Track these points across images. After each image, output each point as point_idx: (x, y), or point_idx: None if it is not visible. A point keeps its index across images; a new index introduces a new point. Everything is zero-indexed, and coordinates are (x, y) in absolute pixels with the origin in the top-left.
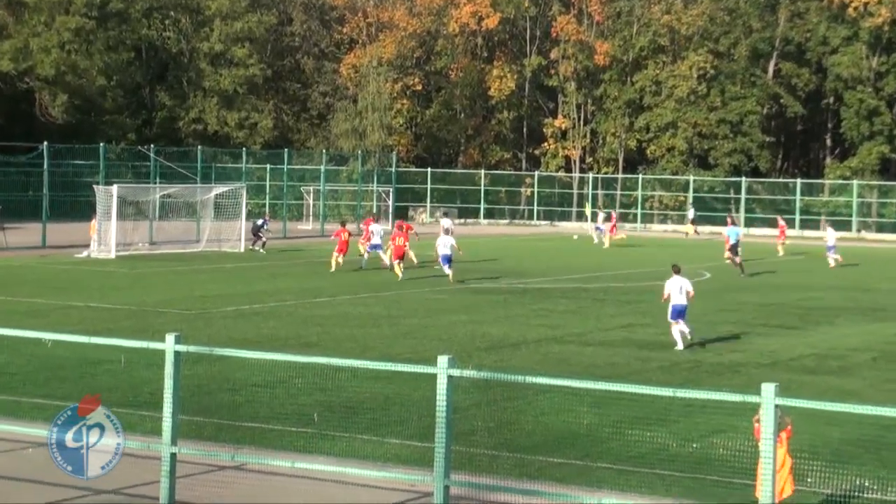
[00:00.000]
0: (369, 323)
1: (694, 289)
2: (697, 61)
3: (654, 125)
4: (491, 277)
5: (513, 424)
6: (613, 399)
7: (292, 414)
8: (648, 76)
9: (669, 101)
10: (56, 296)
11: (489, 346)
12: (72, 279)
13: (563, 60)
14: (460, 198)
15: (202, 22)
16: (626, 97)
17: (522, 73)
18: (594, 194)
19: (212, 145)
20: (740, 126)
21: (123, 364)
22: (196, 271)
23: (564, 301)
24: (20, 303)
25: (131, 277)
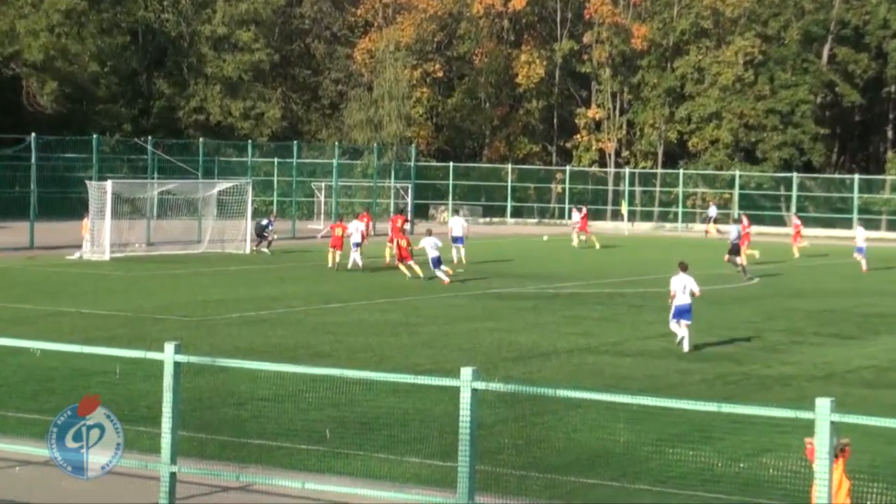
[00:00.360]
0: (386, 331)
1: (699, 288)
2: (744, 46)
3: (697, 116)
4: (518, 281)
5: (542, 442)
6: (652, 414)
7: (302, 430)
8: (690, 62)
9: (713, 89)
10: (45, 301)
11: (517, 356)
12: (62, 283)
13: (596, 45)
14: (485, 195)
15: (204, 3)
16: (666, 85)
17: (553, 58)
18: (631, 191)
19: (214, 137)
20: (791, 117)
21: (119, 375)
22: (197, 274)
23: (599, 307)
24: (5, 309)
25: (127, 281)
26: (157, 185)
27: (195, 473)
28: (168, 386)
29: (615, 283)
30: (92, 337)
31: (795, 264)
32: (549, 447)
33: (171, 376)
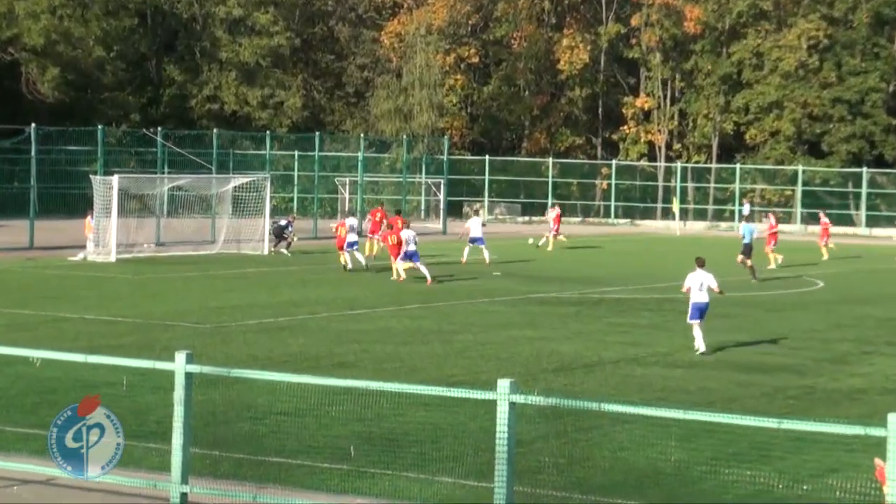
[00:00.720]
0: (416, 339)
1: (719, 285)
2: (808, 29)
3: (755, 105)
4: (560, 285)
5: (586, 461)
6: (706, 431)
7: (325, 447)
8: (748, 47)
9: (773, 76)
10: (45, 306)
11: (558, 367)
12: (64, 286)
13: (646, 28)
14: (524, 191)
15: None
16: (722, 72)
17: (598, 42)
18: (682, 188)
19: (230, 128)
20: (861, 106)
21: (125, 387)
22: (211, 277)
23: (647, 314)
24: (2, 314)
25: (135, 284)
26: (168, 180)
27: (208, 494)
28: (179, 399)
29: (665, 287)
30: (96, 345)
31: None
32: (594, 466)
33: (182, 388)
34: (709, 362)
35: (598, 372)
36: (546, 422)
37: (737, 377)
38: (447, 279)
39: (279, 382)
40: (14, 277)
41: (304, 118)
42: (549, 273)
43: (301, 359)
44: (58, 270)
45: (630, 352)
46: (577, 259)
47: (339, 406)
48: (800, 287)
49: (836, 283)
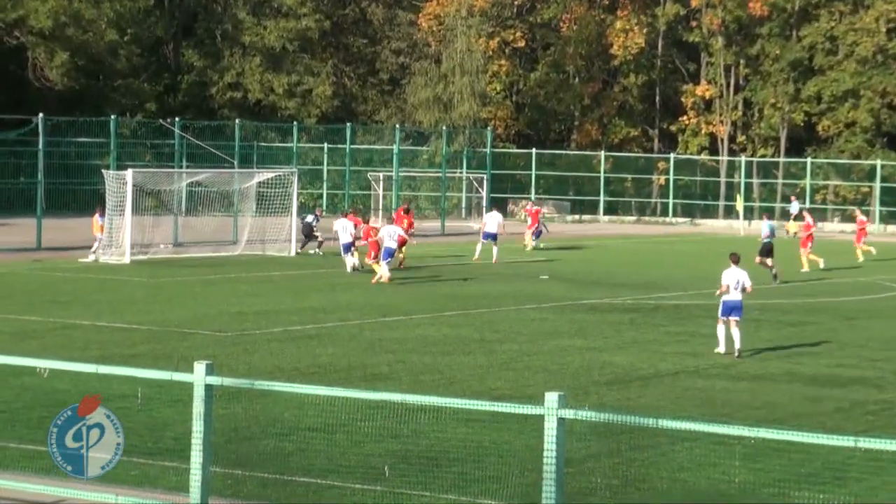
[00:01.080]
0: (456, 349)
1: (752, 284)
2: (887, 11)
3: (828, 94)
4: (612, 290)
5: (642, 482)
6: (774, 450)
7: (357, 466)
8: (821, 30)
9: (849, 62)
10: (54, 311)
11: (611, 379)
12: (75, 290)
13: (707, 9)
14: (574, 187)
15: None
16: (791, 57)
17: (654, 25)
18: (747, 183)
19: (253, 119)
20: None
21: (140, 400)
22: (233, 281)
23: (709, 322)
24: (7, 321)
25: (150, 288)
26: (186, 175)
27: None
28: (199, 413)
29: None
30: (109, 354)
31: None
32: (650, 488)
33: (201, 402)
34: (777, 375)
35: (655, 385)
36: (598, 439)
37: (808, 391)
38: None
39: (307, 396)
40: (20, 280)
41: (334, 108)
42: (602, 277)
43: (331, 370)
44: (67, 273)
45: (690, 363)
46: (632, 262)
47: (373, 421)
48: (875, 292)
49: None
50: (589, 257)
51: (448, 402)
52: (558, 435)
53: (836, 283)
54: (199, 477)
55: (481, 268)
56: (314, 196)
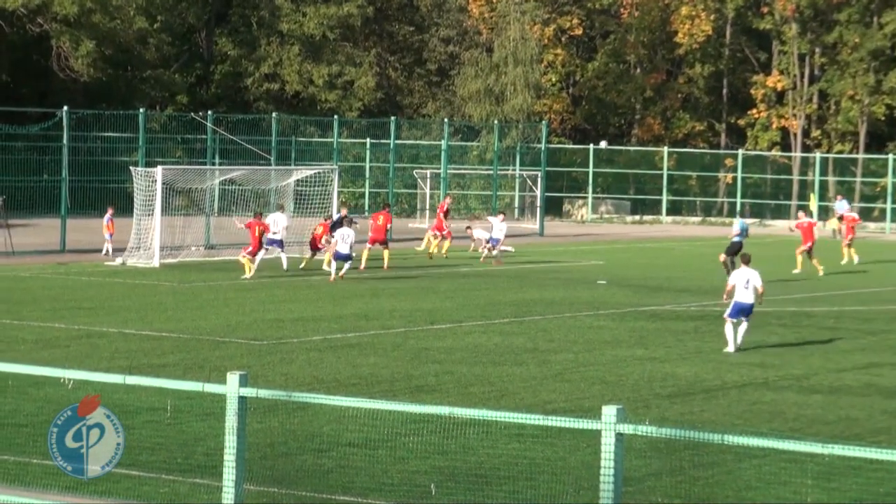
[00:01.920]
0: (507, 359)
1: (763, 284)
2: None
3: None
4: (675, 296)
5: (707, 501)
6: (851, 468)
7: (401, 484)
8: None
9: None
10: (80, 318)
11: (673, 392)
12: (101, 296)
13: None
14: (635, 186)
15: None
16: (872, 46)
17: (722, 11)
18: (822, 182)
19: (291, 112)
20: None
21: (170, 413)
22: (269, 286)
23: (780, 330)
24: (30, 328)
25: (181, 294)
26: (219, 172)
27: None
28: (232, 427)
29: (801, 299)
30: (137, 364)
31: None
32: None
33: (235, 415)
34: (854, 387)
35: (721, 398)
36: (659, 456)
37: (888, 405)
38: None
39: (347, 409)
40: (43, 285)
41: (377, 100)
42: (663, 282)
43: (373, 381)
44: (93, 277)
45: (758, 374)
46: (697, 266)
47: (418, 437)
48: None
49: None
50: (651, 261)
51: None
52: (616, 451)
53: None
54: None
55: (535, 273)
56: (356, 195)
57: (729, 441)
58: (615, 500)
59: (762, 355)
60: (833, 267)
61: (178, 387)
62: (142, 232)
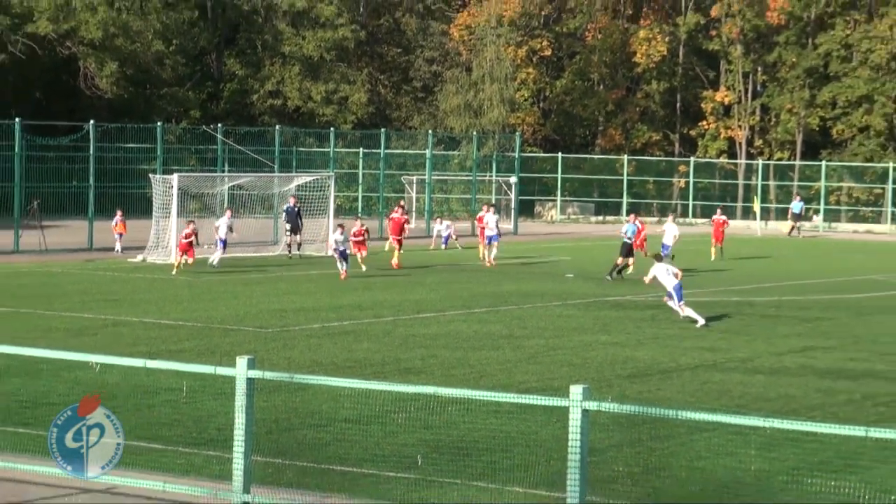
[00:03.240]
0: (485, 344)
1: (679, 269)
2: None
3: (843, 99)
4: (634, 288)
5: (662, 471)
6: (789, 440)
7: (391, 456)
8: (836, 38)
9: (863, 68)
10: (105, 309)
11: (633, 373)
12: (124, 289)
13: (726, 19)
14: (598, 189)
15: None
16: (807, 64)
17: (676, 34)
18: (764, 186)
19: (292, 125)
20: None
21: (186, 393)
22: (273, 279)
23: (726, 318)
24: (61, 318)
25: (195, 287)
26: (228, 178)
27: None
28: (240, 406)
29: (745, 290)
30: (156, 350)
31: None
32: (670, 476)
33: (243, 395)
34: (792, 368)
35: (675, 378)
36: (620, 430)
37: (821, 384)
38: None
39: (343, 389)
40: (73, 280)
41: (369, 114)
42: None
43: (366, 364)
44: (117, 272)
45: (708, 357)
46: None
47: (406, 413)
48: (887, 290)
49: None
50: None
51: (478, 394)
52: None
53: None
54: (242, 466)
55: (510, 267)
56: (350, 199)
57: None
58: (581, 469)
59: (711, 340)
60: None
61: (192, 370)
62: (160, 232)
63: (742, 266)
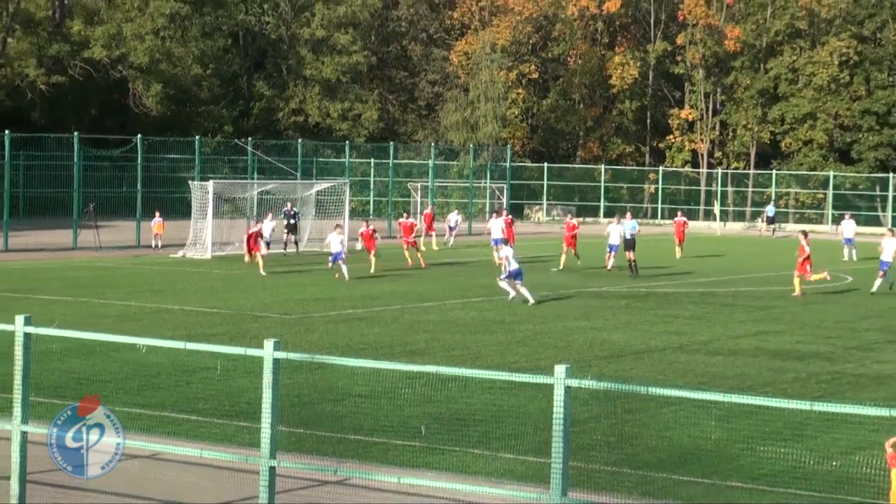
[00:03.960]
0: (481, 329)
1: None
2: (839, 47)
3: (790, 116)
4: (611, 280)
5: (635, 439)
6: (744, 412)
7: (398, 426)
8: (784, 63)
9: (807, 89)
10: (151, 298)
11: (609, 354)
12: (167, 281)
13: (690, 46)
14: (579, 195)
15: (303, 6)
16: (759, 86)
17: (646, 59)
18: (723, 191)
19: (313, 138)
20: (888, 117)
21: (220, 371)
22: (296, 273)
23: (690, 306)
24: (112, 306)
25: (228, 280)
26: (257, 185)
27: (294, 468)
28: (267, 382)
29: (707, 282)
30: (194, 334)
31: (864, 265)
32: (642, 444)
33: (270, 373)
34: (747, 350)
35: (646, 359)
36: (598, 404)
37: (772, 363)
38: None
39: (357, 368)
40: (123, 273)
41: (379, 129)
42: (602, 269)
43: (377, 346)
44: (161, 267)
45: (674, 340)
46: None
47: (412, 389)
48: (830, 282)
49: (863, 278)
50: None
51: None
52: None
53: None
54: (269, 435)
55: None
56: (363, 203)
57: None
58: (564, 438)
59: (677, 325)
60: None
61: (225, 351)
62: (198, 231)
63: (703, 261)
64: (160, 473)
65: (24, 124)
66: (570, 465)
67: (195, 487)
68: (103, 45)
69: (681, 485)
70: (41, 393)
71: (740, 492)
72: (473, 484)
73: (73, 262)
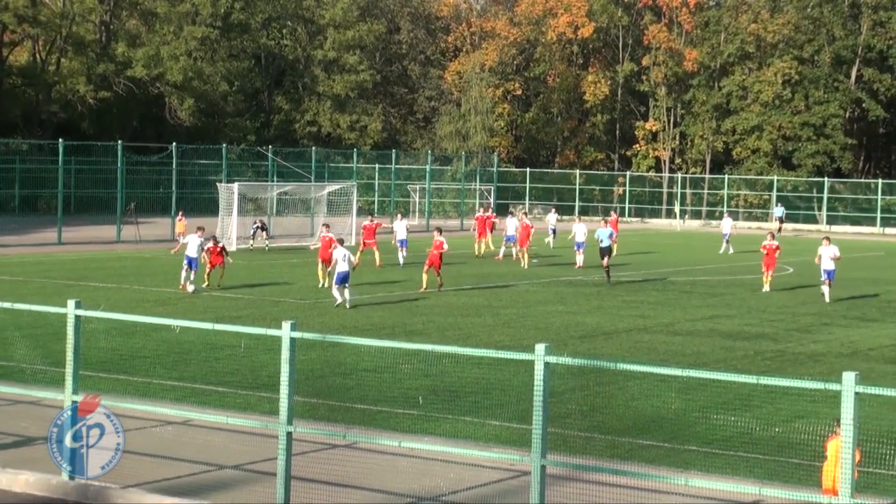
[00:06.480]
0: (471, 312)
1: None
2: (782, 67)
3: (740, 128)
4: (584, 271)
5: (605, 408)
6: (700, 385)
7: (399, 397)
8: (735, 81)
9: (755, 105)
10: None
11: (583, 334)
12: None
13: (654, 67)
14: (556, 196)
15: (316, 31)
16: (714, 101)
17: (615, 78)
18: (682, 193)
19: (325, 146)
20: (823, 129)
21: (243, 349)
22: (310, 264)
23: (654, 293)
24: (150, 292)
25: (251, 269)
26: (276, 186)
27: (308, 433)
28: (285, 358)
29: (668, 272)
30: (221, 316)
31: (805, 257)
32: (611, 413)
33: (288, 350)
34: (703, 331)
35: (614, 338)
36: (573, 378)
37: (724, 343)
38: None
39: (363, 346)
40: (160, 263)
41: (383, 138)
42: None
43: (380, 327)
44: None
45: (639, 323)
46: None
47: (410, 365)
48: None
49: (803, 269)
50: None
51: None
52: (545, 375)
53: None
54: (287, 404)
55: (489, 254)
56: (369, 202)
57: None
58: (544, 407)
59: (642, 310)
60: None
61: (248, 331)
62: (224, 227)
63: (666, 254)
64: (191, 437)
65: (75, 134)
66: (548, 430)
67: (222, 449)
68: (143, 65)
69: (645, 448)
70: (89, 367)
71: (696, 455)
72: (464, 447)
73: (117, 253)
